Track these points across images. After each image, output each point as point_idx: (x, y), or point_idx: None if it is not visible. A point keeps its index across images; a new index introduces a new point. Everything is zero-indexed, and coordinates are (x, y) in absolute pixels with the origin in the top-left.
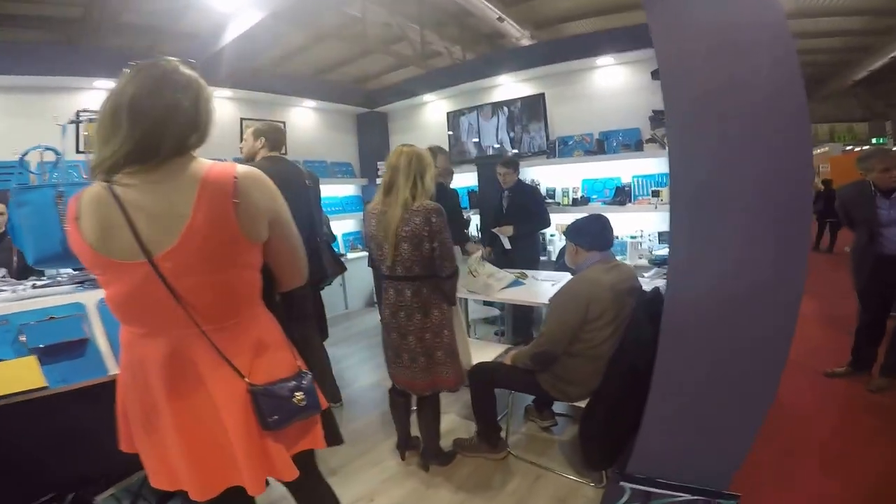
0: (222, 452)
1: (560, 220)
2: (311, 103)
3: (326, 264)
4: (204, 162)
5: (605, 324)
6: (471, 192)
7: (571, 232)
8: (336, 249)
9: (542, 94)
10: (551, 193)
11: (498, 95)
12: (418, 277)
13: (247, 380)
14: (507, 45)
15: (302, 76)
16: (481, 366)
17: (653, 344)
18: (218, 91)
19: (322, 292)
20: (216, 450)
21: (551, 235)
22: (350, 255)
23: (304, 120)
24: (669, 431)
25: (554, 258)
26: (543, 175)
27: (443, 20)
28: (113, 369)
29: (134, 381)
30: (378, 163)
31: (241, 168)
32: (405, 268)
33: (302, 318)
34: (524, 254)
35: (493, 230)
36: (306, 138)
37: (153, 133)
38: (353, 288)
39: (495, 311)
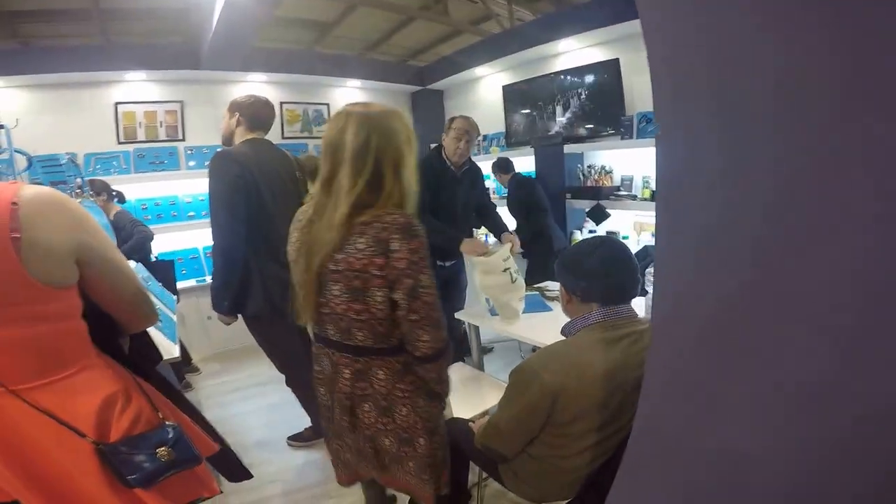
0: None
1: (637, 218)
2: (355, 83)
3: None
4: None
5: (586, 430)
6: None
7: (561, 267)
8: None
9: (617, 61)
10: (627, 183)
11: (562, 64)
12: (364, 350)
13: (90, 438)
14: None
15: (345, 55)
16: (453, 423)
17: None
18: (252, 75)
19: None
20: None
21: (624, 237)
22: None
23: (350, 101)
24: None
25: None
26: (616, 160)
27: None
28: None
29: None
30: (431, 146)
31: (28, 190)
32: (339, 328)
33: (156, 359)
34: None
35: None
36: None
37: None
38: None
39: None
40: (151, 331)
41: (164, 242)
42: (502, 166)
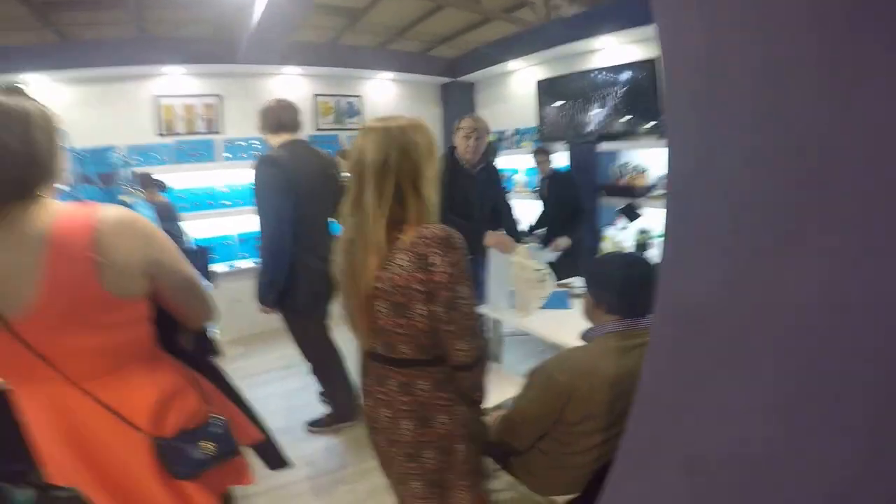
0: (143, 497)
1: None
2: (387, 74)
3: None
4: (58, 208)
5: (593, 430)
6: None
7: (592, 276)
8: None
9: (654, 61)
10: (661, 182)
11: (599, 60)
12: (408, 362)
13: (145, 432)
14: None
15: (377, 48)
16: None
17: None
18: (287, 68)
19: None
20: (136, 495)
21: (658, 236)
22: None
23: (381, 94)
24: None
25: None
26: (651, 159)
27: None
28: None
29: (39, 439)
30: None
31: (106, 212)
32: (385, 344)
33: (214, 352)
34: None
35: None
36: (385, 113)
37: None
38: None
39: None
40: None
41: (200, 229)
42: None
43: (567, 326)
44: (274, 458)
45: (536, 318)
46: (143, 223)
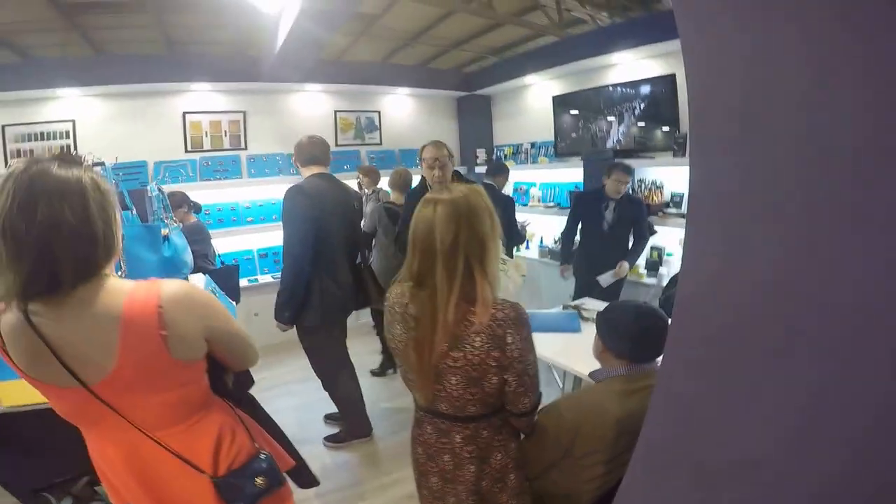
0: None
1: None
2: (405, 90)
3: (370, 291)
4: (122, 288)
5: (596, 463)
6: (572, 192)
7: (603, 322)
8: None
9: (673, 76)
10: (677, 199)
11: (616, 75)
12: (474, 418)
13: (208, 474)
14: (662, 8)
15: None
16: None
17: None
18: (309, 85)
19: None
20: None
21: (668, 255)
22: None
23: (399, 108)
24: None
25: (664, 282)
26: (668, 176)
27: None
28: None
29: (107, 470)
30: (477, 150)
31: (167, 290)
32: (453, 406)
33: (251, 385)
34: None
35: (607, 275)
36: (402, 127)
37: (42, 262)
38: None
39: None
40: None
41: (222, 245)
42: (498, 169)
43: (574, 353)
44: (305, 478)
45: (545, 342)
46: (199, 296)
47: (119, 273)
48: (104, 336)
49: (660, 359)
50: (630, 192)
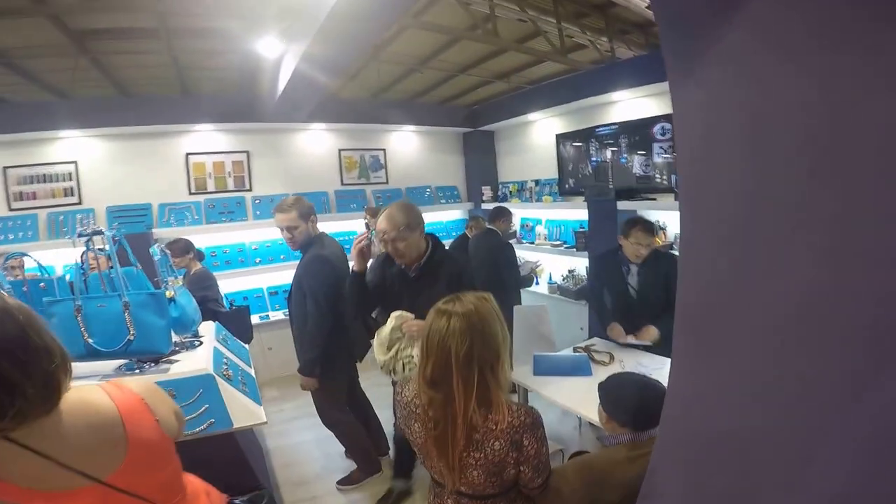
0: None
1: None
2: (410, 127)
3: (359, 340)
4: (101, 391)
5: None
6: (577, 232)
7: (605, 395)
8: None
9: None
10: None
11: (617, 114)
12: (493, 496)
13: None
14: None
15: (401, 100)
16: None
17: None
18: (314, 125)
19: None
20: None
21: None
22: None
23: (404, 145)
24: None
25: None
26: (671, 217)
27: (582, 11)
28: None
29: None
30: (483, 187)
31: (136, 386)
32: (473, 488)
33: None
34: None
35: (631, 339)
36: (407, 164)
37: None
38: None
39: None
40: (241, 398)
41: (231, 286)
42: (499, 214)
43: (585, 397)
44: None
45: (558, 388)
46: (154, 385)
47: (129, 336)
48: (109, 433)
49: None
50: (662, 251)
